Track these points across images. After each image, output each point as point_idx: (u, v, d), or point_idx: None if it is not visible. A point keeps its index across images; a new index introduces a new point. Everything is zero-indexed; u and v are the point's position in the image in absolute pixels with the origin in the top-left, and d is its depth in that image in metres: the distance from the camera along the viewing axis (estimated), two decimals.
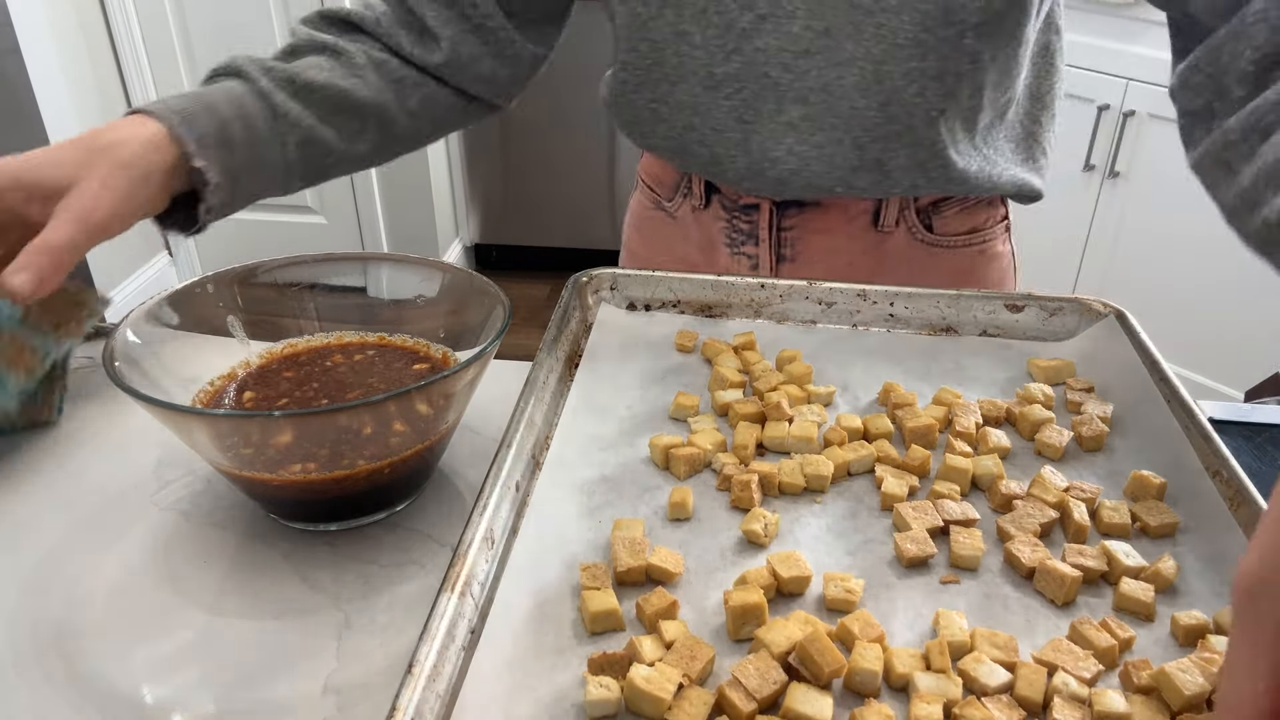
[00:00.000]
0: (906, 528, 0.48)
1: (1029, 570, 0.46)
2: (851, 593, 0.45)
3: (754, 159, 0.72)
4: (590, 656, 0.41)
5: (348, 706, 0.44)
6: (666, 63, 0.72)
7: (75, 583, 0.52)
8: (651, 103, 0.75)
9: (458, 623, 0.42)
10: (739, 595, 0.43)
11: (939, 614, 0.44)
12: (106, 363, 0.50)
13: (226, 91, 0.63)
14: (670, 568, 0.46)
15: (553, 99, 2.65)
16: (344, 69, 0.69)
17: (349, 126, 0.70)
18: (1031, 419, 0.56)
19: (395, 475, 0.54)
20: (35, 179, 0.54)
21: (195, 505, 0.58)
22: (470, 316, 0.60)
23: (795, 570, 0.45)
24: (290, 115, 0.65)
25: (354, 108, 0.69)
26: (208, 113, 0.61)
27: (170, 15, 2.43)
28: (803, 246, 0.78)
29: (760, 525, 0.49)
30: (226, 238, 2.76)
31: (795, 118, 0.70)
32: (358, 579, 0.52)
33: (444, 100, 0.76)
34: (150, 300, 0.57)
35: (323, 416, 0.51)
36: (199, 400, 0.57)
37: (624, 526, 0.49)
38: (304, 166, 0.68)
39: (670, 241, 0.85)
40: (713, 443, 0.55)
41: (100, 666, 0.46)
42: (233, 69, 0.66)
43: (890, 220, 0.76)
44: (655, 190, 0.85)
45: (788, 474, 0.52)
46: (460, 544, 0.45)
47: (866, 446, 0.54)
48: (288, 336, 0.63)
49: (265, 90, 0.65)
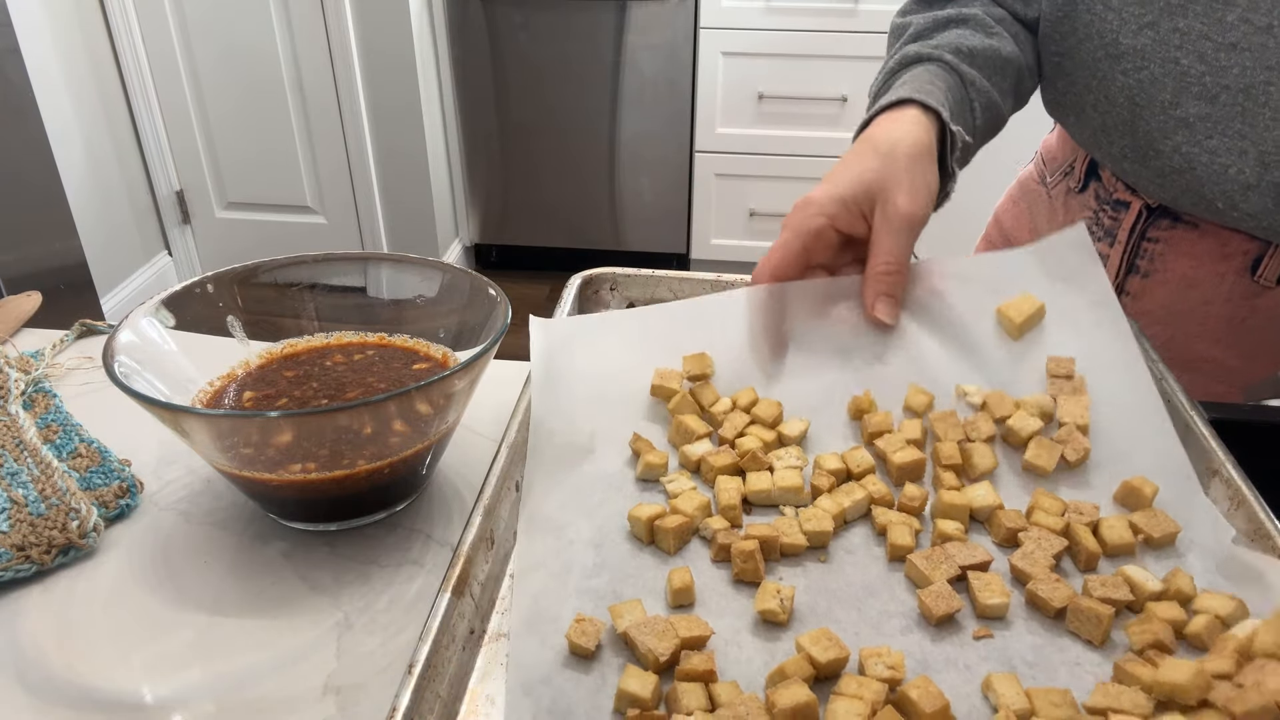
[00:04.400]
0: (926, 582, 0.45)
1: (1057, 611, 0.44)
2: (895, 669, 0.41)
3: (1139, 141, 0.68)
4: (620, 687, 0.39)
5: (348, 706, 0.44)
6: (1078, 18, 0.69)
7: (75, 582, 0.52)
8: (1055, 55, 0.72)
9: (457, 623, 0.42)
10: (784, 695, 0.38)
11: (990, 679, 0.41)
12: (106, 362, 0.50)
13: (925, 71, 0.65)
14: (702, 632, 0.42)
15: (553, 99, 2.65)
16: (983, 32, 0.69)
17: (1002, 85, 0.70)
18: (1021, 436, 0.53)
19: (395, 475, 0.54)
20: (852, 195, 0.57)
21: (195, 505, 0.58)
22: (470, 316, 0.60)
23: (833, 652, 0.41)
24: (976, 82, 0.66)
25: (1004, 65, 0.69)
26: (932, 87, 0.63)
27: (170, 15, 2.43)
28: (1160, 265, 0.73)
29: (776, 603, 0.44)
30: (226, 238, 2.77)
31: (1192, 115, 0.64)
32: (358, 579, 0.52)
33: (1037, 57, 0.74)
34: (150, 300, 0.57)
35: (323, 416, 0.51)
36: (199, 400, 0.57)
37: (624, 612, 0.43)
38: (984, 130, 0.68)
39: (1036, 219, 0.85)
40: (696, 506, 0.49)
41: (100, 666, 0.46)
42: (908, 58, 0.67)
43: (1273, 274, 0.67)
44: (1044, 163, 0.84)
45: (788, 534, 0.48)
46: (460, 544, 0.45)
47: (858, 490, 0.51)
48: (288, 336, 0.63)
49: (951, 63, 0.65)
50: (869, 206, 0.58)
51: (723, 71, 2.52)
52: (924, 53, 0.67)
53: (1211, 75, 0.62)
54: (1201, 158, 0.65)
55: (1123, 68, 0.67)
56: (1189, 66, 0.63)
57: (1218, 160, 0.64)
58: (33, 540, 0.52)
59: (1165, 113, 0.66)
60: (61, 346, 0.74)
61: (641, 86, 2.60)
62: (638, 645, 0.41)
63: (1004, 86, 0.70)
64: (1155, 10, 0.64)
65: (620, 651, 0.43)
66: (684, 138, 2.65)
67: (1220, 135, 0.64)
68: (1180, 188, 0.68)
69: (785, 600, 0.44)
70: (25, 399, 0.65)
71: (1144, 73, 0.66)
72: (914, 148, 0.58)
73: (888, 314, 0.58)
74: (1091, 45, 0.69)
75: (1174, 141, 0.66)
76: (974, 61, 0.67)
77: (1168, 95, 0.65)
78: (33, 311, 0.78)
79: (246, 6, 2.41)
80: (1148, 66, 0.65)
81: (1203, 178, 0.66)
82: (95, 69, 2.37)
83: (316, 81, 2.49)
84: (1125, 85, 0.67)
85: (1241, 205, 0.65)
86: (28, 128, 1.90)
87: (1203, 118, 0.64)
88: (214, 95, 2.54)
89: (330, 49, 2.43)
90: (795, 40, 2.45)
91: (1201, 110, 0.64)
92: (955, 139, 0.62)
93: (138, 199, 2.58)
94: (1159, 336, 0.73)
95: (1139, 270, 0.75)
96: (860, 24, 2.41)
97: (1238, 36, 0.60)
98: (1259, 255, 0.69)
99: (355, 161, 2.59)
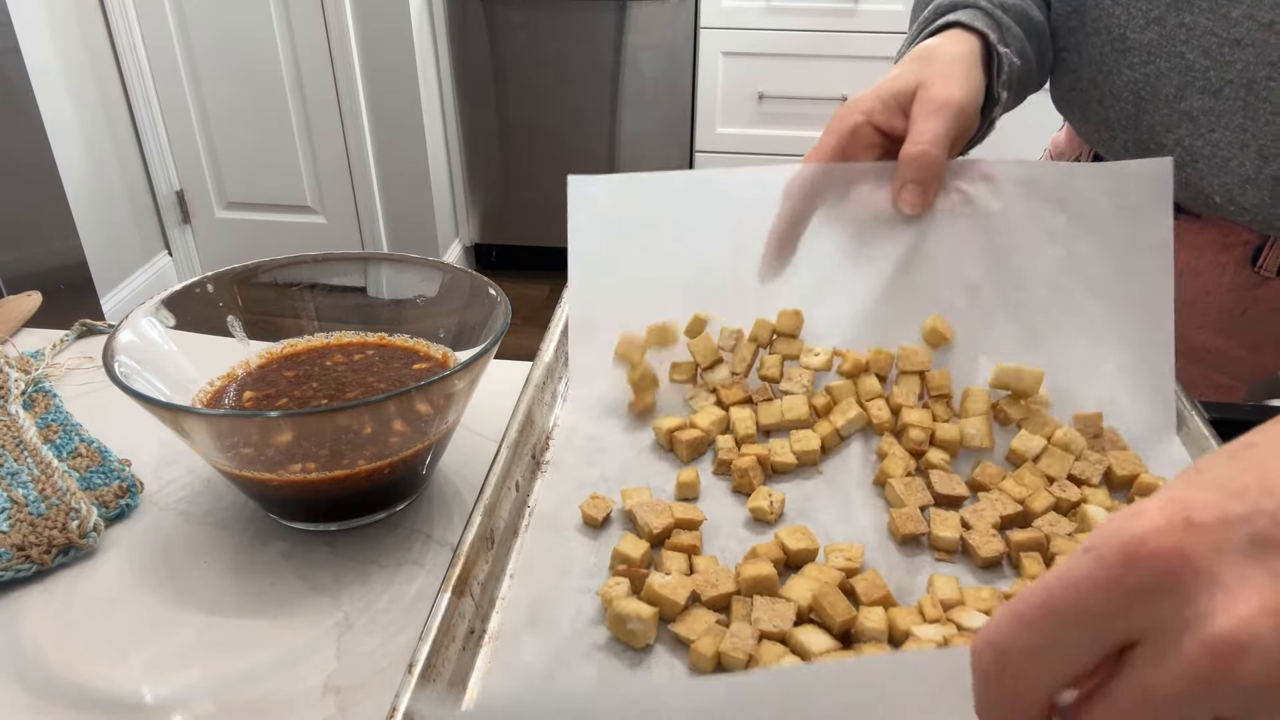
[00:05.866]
0: (900, 505, 0.50)
1: (984, 560, 0.47)
2: (852, 560, 0.46)
3: (1142, 135, 0.69)
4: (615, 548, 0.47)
5: (348, 706, 0.44)
6: (1087, 12, 0.69)
7: (75, 582, 0.52)
8: (1064, 50, 0.73)
9: (457, 623, 0.42)
10: (751, 568, 0.45)
11: (933, 578, 0.46)
12: (106, 362, 0.50)
13: (966, 13, 0.64)
14: (695, 516, 0.49)
15: (553, 99, 2.65)
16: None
17: (1033, 46, 0.69)
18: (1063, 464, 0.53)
19: (395, 475, 0.54)
20: (890, 92, 0.58)
21: (195, 505, 0.58)
22: (470, 316, 0.60)
23: (803, 543, 0.47)
24: (1013, 28, 0.66)
25: (1033, 26, 0.69)
26: (973, 20, 0.63)
27: (170, 14, 2.43)
28: None
29: (766, 503, 0.50)
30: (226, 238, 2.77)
31: (1195, 109, 0.65)
32: (358, 579, 0.52)
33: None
34: (150, 300, 0.57)
35: (323, 416, 0.51)
36: (199, 400, 0.57)
37: (633, 494, 0.51)
38: (1018, 82, 0.67)
39: None
40: (713, 421, 0.56)
41: (100, 666, 0.46)
42: (944, 6, 0.66)
43: (1273, 265, 0.68)
44: (1054, 158, 0.84)
45: (779, 454, 0.54)
46: (460, 544, 0.45)
47: (852, 408, 0.55)
48: (288, 336, 0.63)
49: (988, 9, 0.65)
50: (907, 100, 0.58)
51: (723, 71, 2.52)
52: (960, 1, 0.67)
53: (1216, 70, 0.63)
54: (1204, 150, 0.65)
55: (1129, 61, 0.67)
56: (1194, 61, 0.64)
57: (1219, 153, 0.65)
58: (33, 540, 0.52)
59: (1170, 106, 0.66)
60: (61, 346, 0.74)
61: (641, 86, 2.60)
62: (637, 519, 0.49)
63: (1033, 48, 0.70)
64: (1162, 6, 0.64)
65: (625, 527, 0.50)
66: (684, 138, 2.65)
67: (1223, 129, 0.64)
68: (1181, 181, 0.68)
69: (775, 503, 0.50)
70: (25, 399, 0.65)
71: (1150, 67, 0.66)
72: (954, 52, 0.59)
73: (912, 203, 0.57)
74: (1099, 40, 0.69)
75: (1177, 134, 0.66)
76: (1009, 13, 0.67)
77: (1173, 89, 0.65)
78: (33, 311, 0.78)
79: (247, 7, 2.41)
80: (1154, 61, 0.66)
81: (1203, 171, 0.66)
82: (95, 68, 2.37)
83: (317, 81, 2.49)
84: (1131, 79, 0.68)
85: (1239, 199, 0.66)
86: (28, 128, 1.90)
87: (1206, 111, 0.64)
88: (214, 95, 2.54)
89: (330, 49, 2.43)
90: (795, 40, 2.45)
91: (1205, 104, 0.64)
92: (1002, 60, 0.62)
93: (138, 199, 2.58)
94: None
95: None
96: (860, 24, 2.41)
97: (1242, 32, 0.61)
98: (1259, 246, 0.69)
99: (355, 161, 2.59)
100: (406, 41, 2.43)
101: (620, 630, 0.43)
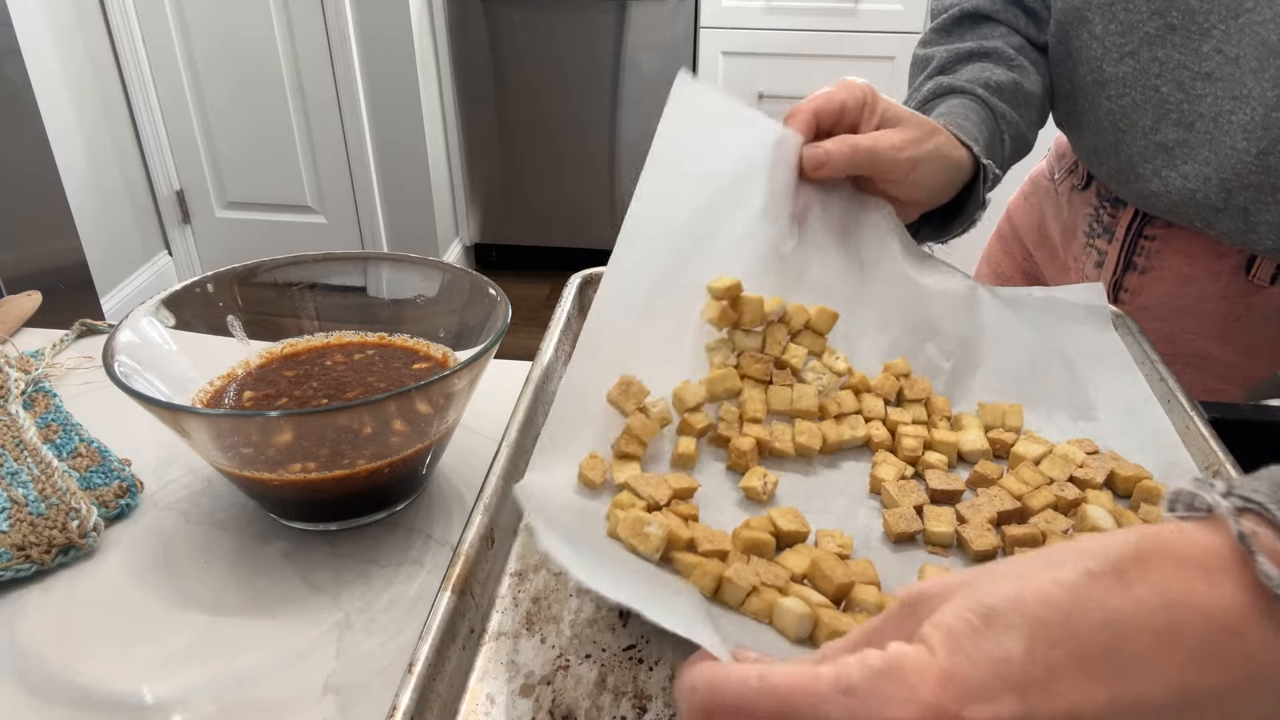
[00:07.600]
0: (895, 505, 0.50)
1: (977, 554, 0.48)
2: (844, 547, 0.47)
3: (1122, 164, 0.71)
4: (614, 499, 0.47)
5: (348, 706, 0.44)
6: (1070, 44, 0.71)
7: (75, 582, 0.52)
8: (1058, 77, 0.75)
9: (458, 622, 0.42)
10: (747, 533, 0.45)
11: (925, 567, 0.46)
12: (106, 362, 0.50)
13: (960, 104, 0.66)
14: (690, 484, 0.49)
15: (552, 99, 2.65)
16: (1005, 65, 0.70)
17: (1029, 117, 0.71)
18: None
19: (395, 475, 0.54)
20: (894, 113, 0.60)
21: (195, 505, 0.58)
22: (470, 316, 0.60)
23: (795, 525, 0.47)
24: (1006, 115, 0.68)
25: (1028, 98, 0.70)
26: (966, 121, 0.64)
27: (170, 14, 2.43)
28: (1158, 263, 0.74)
29: (759, 483, 0.50)
30: (226, 237, 2.77)
31: (1170, 140, 0.66)
32: (358, 579, 0.52)
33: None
34: (150, 300, 0.57)
35: (323, 416, 0.51)
36: (199, 400, 0.57)
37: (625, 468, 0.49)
38: (1012, 157, 0.70)
39: (1044, 212, 0.86)
40: (725, 388, 0.54)
41: (100, 666, 0.46)
42: (941, 89, 0.69)
43: (1266, 274, 0.69)
44: (1055, 160, 0.86)
45: (779, 440, 0.54)
46: (460, 544, 0.45)
47: (861, 427, 0.55)
48: (287, 336, 0.63)
49: (983, 97, 0.67)
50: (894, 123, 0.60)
51: (723, 71, 2.52)
52: (957, 85, 0.68)
53: (1189, 103, 0.65)
54: (1175, 181, 0.67)
55: (1107, 94, 0.69)
56: (1168, 94, 0.65)
57: (1188, 185, 0.67)
58: (33, 540, 0.52)
59: (1146, 138, 0.68)
60: (61, 346, 0.74)
61: (641, 86, 2.60)
62: (638, 492, 0.48)
63: (1030, 119, 0.72)
64: (1136, 40, 0.66)
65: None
66: None
67: (1191, 161, 0.66)
68: (1162, 208, 0.70)
69: (769, 484, 0.50)
70: (25, 399, 0.65)
71: (1126, 99, 0.68)
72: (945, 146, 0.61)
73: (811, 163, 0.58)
74: (1082, 71, 0.71)
75: (1153, 165, 0.68)
76: (1002, 95, 0.69)
77: (1148, 121, 0.67)
78: (33, 311, 0.78)
79: (247, 7, 2.41)
80: (1129, 93, 0.68)
81: (1177, 201, 0.68)
82: (95, 69, 2.37)
83: (317, 81, 2.49)
84: (1110, 110, 0.69)
85: (1215, 225, 0.68)
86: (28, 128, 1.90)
87: (1180, 143, 0.66)
88: (214, 95, 2.54)
89: (330, 48, 2.43)
90: (795, 40, 2.45)
91: (1179, 136, 0.66)
92: (987, 172, 0.63)
93: (138, 199, 2.58)
94: (1157, 332, 0.74)
95: (1136, 267, 0.76)
96: (860, 24, 2.41)
97: (1212, 66, 0.62)
98: (1252, 255, 0.70)
99: (355, 161, 2.59)
100: (406, 42, 2.43)
101: (634, 534, 0.43)
